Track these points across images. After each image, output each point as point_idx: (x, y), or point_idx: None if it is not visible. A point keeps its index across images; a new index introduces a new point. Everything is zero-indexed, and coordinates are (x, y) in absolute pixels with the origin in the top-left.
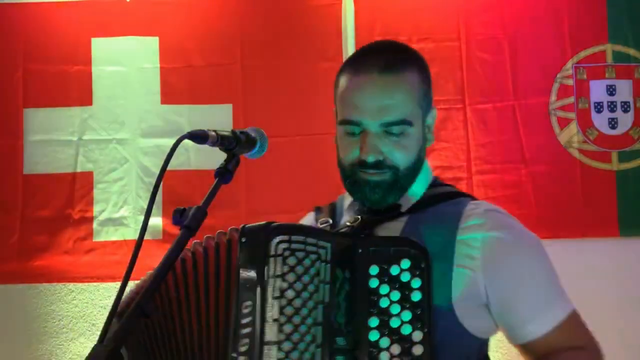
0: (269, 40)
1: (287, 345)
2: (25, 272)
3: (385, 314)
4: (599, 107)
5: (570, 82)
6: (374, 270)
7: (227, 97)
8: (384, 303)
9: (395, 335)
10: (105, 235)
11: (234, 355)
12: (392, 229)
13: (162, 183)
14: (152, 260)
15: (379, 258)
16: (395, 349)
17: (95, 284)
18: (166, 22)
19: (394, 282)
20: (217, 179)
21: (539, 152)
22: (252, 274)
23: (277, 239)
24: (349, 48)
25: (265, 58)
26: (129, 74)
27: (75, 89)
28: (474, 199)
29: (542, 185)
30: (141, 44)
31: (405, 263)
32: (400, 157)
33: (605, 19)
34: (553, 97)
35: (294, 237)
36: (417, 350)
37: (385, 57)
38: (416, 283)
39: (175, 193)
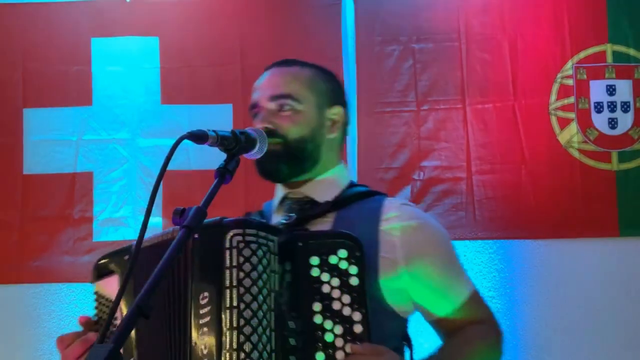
0: (269, 40)
1: (247, 330)
2: (25, 272)
3: (327, 299)
4: (599, 107)
5: (570, 82)
6: (314, 260)
7: (227, 97)
8: (325, 289)
9: (337, 317)
10: (105, 235)
11: (194, 343)
12: (323, 225)
13: (162, 183)
14: None
15: (318, 250)
16: (338, 329)
17: None
18: (166, 22)
19: (333, 270)
20: (217, 179)
21: (539, 152)
22: (209, 266)
23: (232, 232)
24: (349, 48)
25: (265, 58)
26: (129, 74)
27: (75, 89)
28: (387, 196)
29: (542, 185)
30: (141, 44)
31: (343, 253)
32: (288, 128)
33: (605, 19)
34: (553, 97)
35: (247, 231)
36: (357, 329)
37: (279, 60)
38: (353, 270)
39: (175, 193)
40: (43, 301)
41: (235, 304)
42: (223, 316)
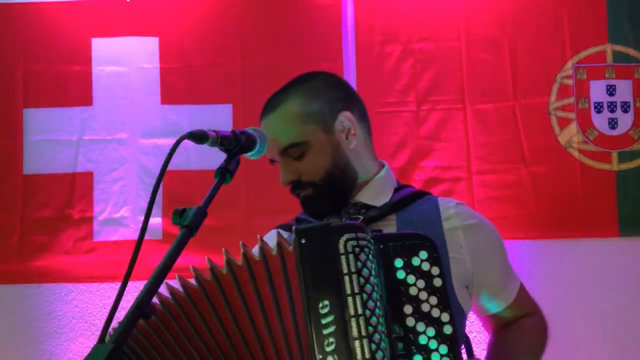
0: (269, 40)
1: (376, 338)
2: (25, 272)
3: (415, 301)
4: (599, 107)
5: (570, 82)
6: (398, 262)
7: (227, 97)
8: (413, 291)
9: (427, 318)
10: (105, 235)
11: (320, 356)
12: (388, 227)
13: (162, 183)
14: (152, 260)
15: (399, 251)
16: (430, 332)
17: (95, 284)
18: (166, 22)
19: (417, 272)
20: (217, 179)
21: (539, 152)
22: (324, 273)
23: (345, 236)
24: (349, 48)
25: (265, 58)
26: (129, 74)
27: (75, 89)
28: (434, 195)
29: (542, 185)
30: (141, 44)
31: (423, 254)
32: (312, 173)
33: (605, 19)
34: (553, 97)
35: (359, 234)
36: (447, 330)
37: (266, 103)
38: (435, 271)
39: (175, 193)
40: (43, 301)
41: (360, 311)
42: (349, 325)
